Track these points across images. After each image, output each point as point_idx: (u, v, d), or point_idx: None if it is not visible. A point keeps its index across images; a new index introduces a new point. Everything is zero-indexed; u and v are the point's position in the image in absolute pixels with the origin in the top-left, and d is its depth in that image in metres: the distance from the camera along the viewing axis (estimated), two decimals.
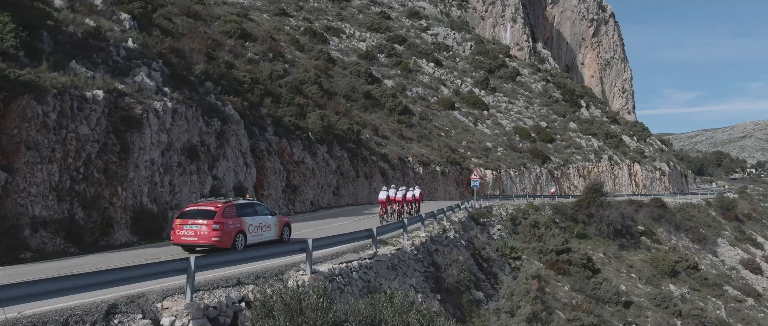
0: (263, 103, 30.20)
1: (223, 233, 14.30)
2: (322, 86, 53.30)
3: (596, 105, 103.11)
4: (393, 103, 60.32)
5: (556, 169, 70.58)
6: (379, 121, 54.21)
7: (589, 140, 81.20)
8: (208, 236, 14.17)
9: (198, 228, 14.27)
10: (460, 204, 34.09)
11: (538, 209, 49.54)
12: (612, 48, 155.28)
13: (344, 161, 36.93)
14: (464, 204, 34.87)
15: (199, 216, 14.45)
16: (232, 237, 14.55)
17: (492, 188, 59.38)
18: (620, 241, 54.27)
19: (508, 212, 43.43)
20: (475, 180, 38.56)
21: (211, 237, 14.16)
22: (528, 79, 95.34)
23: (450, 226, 24.49)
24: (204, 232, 14.20)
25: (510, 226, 40.20)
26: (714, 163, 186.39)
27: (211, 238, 14.17)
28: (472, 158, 60.82)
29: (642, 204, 65.59)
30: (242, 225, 15.02)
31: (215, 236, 14.17)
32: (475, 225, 32.42)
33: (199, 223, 14.28)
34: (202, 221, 14.29)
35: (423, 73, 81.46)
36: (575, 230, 49.91)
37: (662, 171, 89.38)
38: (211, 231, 14.17)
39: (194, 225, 14.31)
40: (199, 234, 14.27)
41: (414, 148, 51.37)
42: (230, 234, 14.50)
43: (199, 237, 14.28)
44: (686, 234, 67.07)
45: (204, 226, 14.21)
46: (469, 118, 73.04)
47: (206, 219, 14.31)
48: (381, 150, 45.48)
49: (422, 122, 63.32)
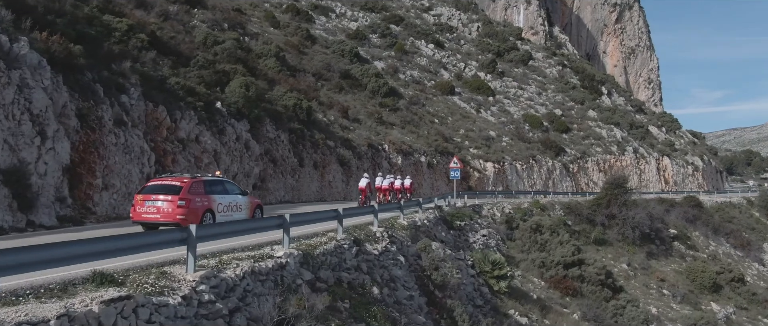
0: (141, 59, 21.52)
1: (188, 211, 13.10)
2: (287, 62, 44.80)
3: (619, 92, 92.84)
4: (376, 84, 51.46)
5: (572, 163, 61.00)
6: (354, 103, 45.39)
7: (611, 130, 71.32)
8: (173, 214, 13.04)
9: (161, 205, 13.19)
10: (434, 200, 25.08)
11: (546, 208, 40.23)
12: (637, 35, 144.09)
13: (280, 145, 28.12)
14: (438, 200, 25.80)
15: (163, 192, 13.32)
16: (200, 216, 13.31)
17: (493, 183, 50.17)
18: (648, 248, 44.67)
19: (504, 212, 34.23)
20: (455, 169, 29.45)
21: (175, 215, 13.00)
22: (542, 63, 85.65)
23: (383, 234, 15.56)
24: (167, 209, 13.12)
25: (504, 231, 31.04)
26: (743, 162, 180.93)
27: (175, 216, 12.98)
28: (470, 148, 51.71)
29: (674, 204, 55.79)
30: (210, 204, 13.82)
31: (180, 214, 13.00)
32: (447, 231, 23.33)
33: (163, 200, 13.20)
34: (165, 197, 13.20)
35: (421, 55, 72.47)
36: (592, 234, 40.51)
37: (695, 166, 79.02)
38: (176, 209, 13.06)
39: (157, 202, 13.22)
40: (162, 212, 13.16)
41: (393, 135, 42.41)
42: (197, 213, 13.28)
43: (162, 214, 13.16)
44: (726, 238, 57.00)
45: (168, 203, 13.14)
46: (470, 104, 63.85)
47: (170, 195, 13.20)
48: (345, 134, 36.61)
49: (412, 107, 54.39)
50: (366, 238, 14.98)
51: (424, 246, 16.02)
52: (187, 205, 13.06)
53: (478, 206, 32.59)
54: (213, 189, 14.05)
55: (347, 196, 33.39)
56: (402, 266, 15.41)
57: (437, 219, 23.38)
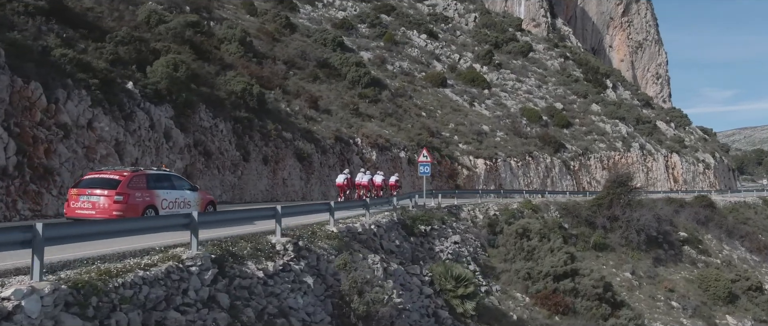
0: (19, 25, 17.37)
1: (127, 207, 12.11)
2: (255, 48, 40.79)
3: (625, 86, 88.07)
4: (356, 73, 47.25)
5: (573, 160, 56.57)
6: (328, 93, 41.21)
7: (616, 125, 66.75)
8: (109, 210, 11.99)
9: (97, 201, 12.12)
10: (393, 201, 20.85)
11: (539, 210, 35.90)
12: (644, 29, 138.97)
13: (218, 135, 23.95)
14: (398, 201, 21.57)
15: (99, 186, 12.28)
16: (140, 212, 12.32)
17: (485, 181, 45.88)
18: (655, 253, 40.29)
19: (488, 214, 29.91)
20: (424, 163, 25.15)
21: (111, 211, 11.93)
22: (543, 55, 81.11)
23: (286, 246, 11.38)
24: (103, 205, 12.07)
25: (485, 236, 26.72)
26: (754, 161, 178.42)
27: (111, 212, 11.91)
28: (460, 144, 47.44)
29: (683, 204, 51.25)
30: (153, 199, 12.81)
31: (117, 210, 11.96)
32: (404, 239, 19.05)
33: (99, 194, 12.15)
34: (102, 192, 12.16)
35: (412, 45, 68.22)
36: (592, 239, 36.12)
37: (706, 163, 74.27)
38: (113, 204, 12.02)
39: (92, 197, 12.16)
40: (97, 207, 12.09)
41: (369, 128, 38.19)
42: (137, 209, 12.30)
43: (97, 210, 12.06)
44: (741, 241, 52.42)
45: (104, 198, 12.11)
46: (464, 96, 59.54)
47: (107, 189, 12.17)
48: (310, 126, 32.42)
49: (397, 99, 50.17)
50: (253, 253, 10.73)
51: (344, 262, 11.80)
52: (126, 201, 12.16)
53: (457, 207, 28.30)
54: (157, 184, 13.19)
55: (307, 195, 29.20)
56: (310, 291, 11.21)
57: (392, 223, 19.13)
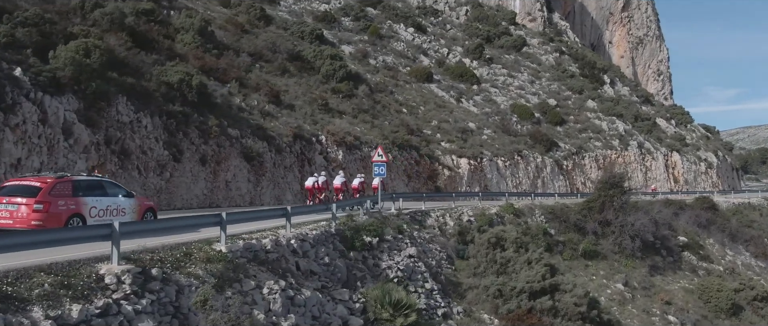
0: None
1: (48, 216, 11.34)
2: (216, 39, 37.75)
3: (624, 82, 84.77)
4: (331, 67, 44.10)
5: (566, 159, 53.38)
6: (295, 87, 38.11)
7: (613, 122, 63.53)
8: (27, 219, 11.25)
9: (15, 209, 11.39)
10: (336, 209, 17.69)
11: (522, 214, 32.73)
12: (645, 24, 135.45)
13: (140, 131, 20.80)
14: (337, 208, 18.41)
15: (18, 194, 11.56)
16: (64, 221, 11.56)
17: (468, 183, 42.79)
18: (652, 261, 37.13)
19: (461, 220, 26.73)
20: (380, 164, 21.99)
21: (30, 221, 11.22)
22: (537, 50, 77.89)
23: (123, 276, 8.21)
24: (22, 214, 11.31)
25: (453, 247, 23.54)
26: (758, 160, 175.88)
27: (30, 222, 11.22)
28: (442, 142, 44.32)
29: (683, 206, 48.01)
30: (80, 207, 12.02)
31: (37, 219, 11.22)
32: (338, 256, 15.90)
33: (17, 203, 11.42)
34: (21, 200, 11.44)
35: (398, 39, 65.09)
36: (581, 246, 32.90)
37: (709, 162, 70.98)
38: (32, 213, 11.28)
39: (10, 205, 11.44)
40: (15, 217, 11.33)
41: (337, 125, 35.04)
42: (60, 218, 11.52)
43: (15, 220, 11.31)
44: (746, 246, 49.22)
45: (23, 206, 11.37)
46: (450, 92, 56.40)
47: (26, 197, 11.46)
48: (265, 122, 29.28)
49: (376, 94, 47.07)
50: (50, 293, 7.55)
51: (204, 298, 8.67)
52: (46, 209, 11.38)
53: (423, 212, 25.12)
54: (85, 191, 12.33)
55: (256, 200, 26.07)
56: None
57: (326, 236, 15.97)
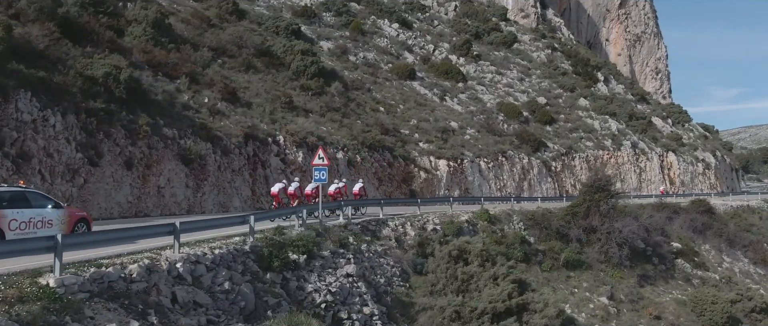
0: None
1: None
2: (174, 33, 35.24)
3: (619, 80, 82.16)
4: (302, 62, 41.55)
5: (555, 160, 50.80)
6: (257, 83, 35.57)
7: (606, 121, 60.95)
8: None
9: None
10: (250, 219, 15.15)
11: (498, 221, 30.14)
12: (642, 21, 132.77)
13: (45, 131, 18.23)
14: (249, 220, 15.86)
15: None
16: None
17: (448, 185, 40.29)
18: (642, 270, 34.63)
19: (425, 229, 24.17)
20: (320, 168, 19.36)
21: None
22: (528, 46, 75.33)
23: None
24: None
25: (411, 260, 20.97)
26: (760, 159, 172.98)
27: None
28: (420, 142, 41.76)
29: (678, 209, 45.39)
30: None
31: None
32: (253, 279, 13.33)
33: None
34: None
35: (382, 35, 62.49)
36: (562, 255, 30.29)
37: (706, 163, 68.40)
38: None
39: None
40: None
41: (300, 123, 32.48)
42: None
43: None
44: (744, 252, 46.63)
45: None
46: (433, 90, 53.85)
47: None
48: (215, 121, 26.71)
49: (352, 92, 44.53)
50: None
51: None
52: None
53: (378, 222, 22.54)
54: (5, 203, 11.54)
55: (195, 208, 23.52)
56: None
57: (235, 255, 13.39)
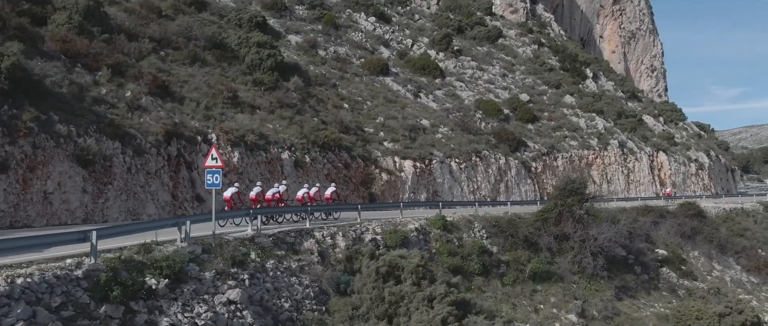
0: None
1: None
2: (107, 23, 32.25)
3: (609, 76, 79.13)
4: (257, 55, 38.56)
5: (535, 160, 47.78)
6: (202, 76, 32.57)
7: (592, 119, 57.95)
8: None
9: None
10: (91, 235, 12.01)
11: (456, 228, 27.10)
12: (638, 17, 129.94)
13: None
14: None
15: None
16: None
17: (414, 188, 37.34)
18: (622, 280, 31.66)
19: (362, 239, 21.16)
20: (213, 170, 16.35)
21: None
22: (514, 41, 72.30)
23: None
24: None
25: (333, 278, 17.96)
26: (761, 159, 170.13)
27: None
28: (385, 141, 38.77)
29: (665, 213, 42.35)
30: None
31: None
32: (76, 317, 10.25)
33: None
34: None
35: (357, 29, 59.46)
36: (529, 266, 27.27)
37: (700, 163, 65.41)
38: None
39: None
40: None
41: (240, 121, 29.45)
42: None
43: None
44: (736, 258, 43.59)
45: None
46: (408, 86, 50.84)
47: None
48: (130, 118, 23.67)
49: (314, 87, 41.58)
50: None
51: None
52: None
53: (299, 233, 19.50)
54: None
55: (94, 216, 20.48)
56: None
57: (51, 285, 10.35)
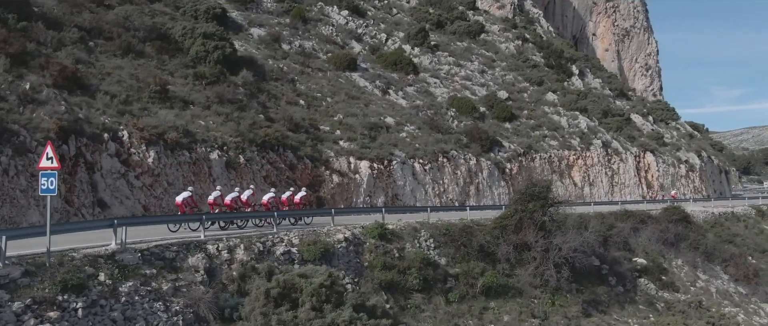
0: None
1: None
2: (30, 10, 29.38)
3: (596, 73, 76.18)
4: (203, 48, 35.66)
5: (510, 161, 44.82)
6: (131, 69, 29.63)
7: (575, 118, 55.02)
8: None
9: None
10: None
11: (398, 237, 24.17)
12: (631, 15, 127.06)
13: None
14: None
15: None
16: None
17: (371, 191, 34.51)
18: (592, 294, 28.84)
19: (273, 253, 18.18)
20: (48, 173, 13.45)
21: None
22: (497, 37, 69.35)
23: None
24: None
25: (212, 302, 14.92)
26: (761, 160, 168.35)
27: None
28: (341, 141, 35.79)
29: (647, 218, 39.38)
30: None
31: None
32: None
33: None
34: None
35: (328, 23, 56.54)
36: (481, 279, 24.31)
37: (690, 164, 62.44)
38: None
39: None
40: None
41: (162, 116, 26.51)
42: None
43: None
44: (724, 267, 40.74)
45: None
46: (376, 82, 47.88)
47: None
48: (15, 113, 20.73)
49: (269, 82, 38.73)
50: None
51: None
52: None
53: (192, 244, 16.57)
54: None
55: None
56: None
57: None
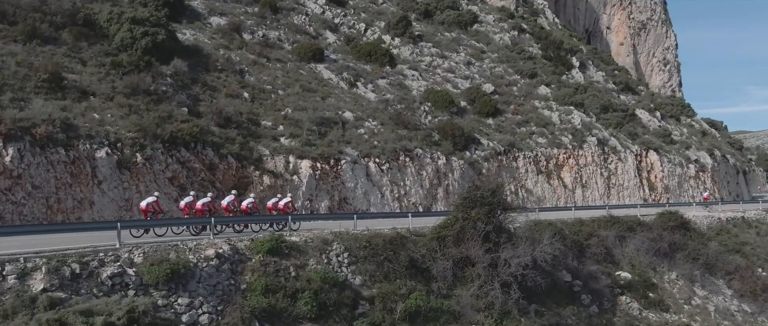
0: None
1: None
2: None
3: (599, 66, 70.86)
4: (130, 34, 32.09)
5: (488, 160, 40.38)
6: (27, 57, 26.12)
7: (569, 113, 50.17)
8: None
9: None
10: None
11: (300, 252, 20.17)
12: (649, 7, 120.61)
13: None
14: None
15: None
16: None
17: (313, 194, 30.39)
18: (555, 316, 24.76)
19: (96, 276, 14.19)
20: None
21: None
22: (491, 27, 64.66)
23: None
24: None
25: None
26: None
27: None
28: (282, 137, 31.89)
29: (636, 225, 34.60)
30: None
31: None
32: None
33: None
34: None
35: (301, 12, 52.70)
36: (401, 304, 20.15)
37: (701, 164, 56.99)
38: None
39: None
40: None
41: (39, 107, 22.91)
42: None
43: None
44: (728, 280, 35.68)
45: None
46: (343, 74, 43.84)
47: None
48: None
49: (212, 74, 35.04)
50: None
51: None
52: None
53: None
54: None
55: None
56: None
57: None
